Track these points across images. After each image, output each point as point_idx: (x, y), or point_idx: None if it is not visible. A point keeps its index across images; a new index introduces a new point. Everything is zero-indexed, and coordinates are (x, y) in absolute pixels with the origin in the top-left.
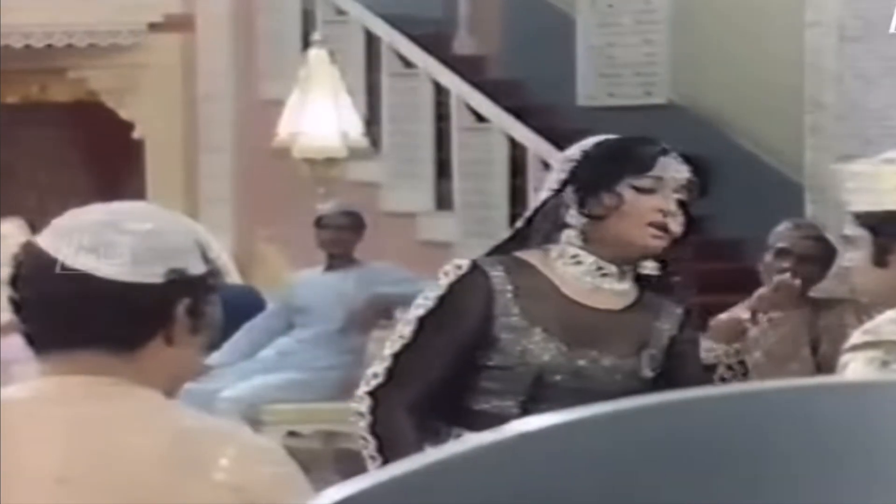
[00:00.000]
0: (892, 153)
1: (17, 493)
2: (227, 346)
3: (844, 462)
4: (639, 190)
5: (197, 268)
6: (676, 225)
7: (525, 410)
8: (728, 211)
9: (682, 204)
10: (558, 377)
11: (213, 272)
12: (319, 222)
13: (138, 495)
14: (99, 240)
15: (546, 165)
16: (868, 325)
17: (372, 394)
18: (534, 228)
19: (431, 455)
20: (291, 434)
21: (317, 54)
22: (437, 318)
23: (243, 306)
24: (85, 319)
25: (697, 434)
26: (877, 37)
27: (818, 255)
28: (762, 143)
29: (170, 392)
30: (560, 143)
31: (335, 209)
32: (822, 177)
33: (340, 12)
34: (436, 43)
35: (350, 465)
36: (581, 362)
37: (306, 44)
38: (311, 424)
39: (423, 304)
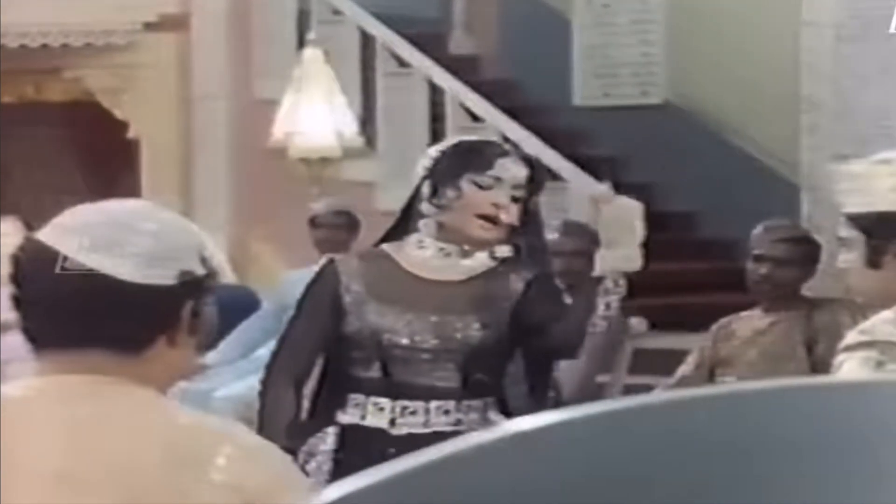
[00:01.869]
0: (886, 154)
1: (17, 491)
2: (223, 346)
3: (842, 461)
4: (479, 186)
5: (199, 268)
6: (508, 217)
7: (386, 374)
8: (724, 210)
9: (518, 199)
10: (400, 340)
11: (211, 272)
12: (313, 221)
13: (137, 494)
14: (112, 239)
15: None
16: (863, 325)
17: (268, 368)
18: (409, 215)
19: (427, 454)
20: None
21: (312, 54)
22: (306, 304)
23: (238, 306)
24: (92, 319)
25: (694, 433)
26: (873, 37)
27: (794, 258)
28: (758, 143)
29: (163, 391)
30: (556, 143)
31: (328, 208)
32: (819, 177)
33: (336, 12)
34: (431, 42)
35: None
36: (418, 325)
37: (301, 43)
38: None
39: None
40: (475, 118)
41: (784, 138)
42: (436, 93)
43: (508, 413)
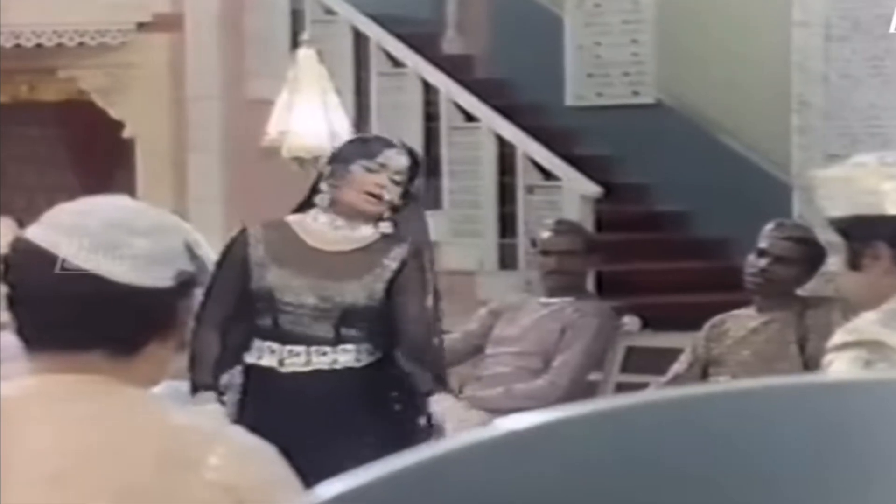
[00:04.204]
0: (862, 157)
1: (9, 492)
2: None
3: (837, 460)
4: (367, 169)
5: (191, 266)
6: (389, 195)
7: (276, 324)
8: (715, 210)
9: (399, 183)
10: (288, 297)
11: (200, 270)
12: None
13: (130, 493)
14: (109, 240)
15: (535, 164)
16: (850, 324)
17: (196, 317)
18: (314, 194)
19: (421, 453)
20: None
21: (305, 54)
22: (220, 266)
23: None
24: (92, 321)
25: (686, 432)
26: (863, 37)
27: (796, 257)
28: (749, 143)
29: (151, 388)
30: (549, 142)
31: None
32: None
33: (329, 12)
34: (424, 42)
35: None
36: (304, 287)
37: (295, 43)
38: None
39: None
40: (469, 118)
41: (775, 138)
42: (429, 92)
43: (391, 347)
